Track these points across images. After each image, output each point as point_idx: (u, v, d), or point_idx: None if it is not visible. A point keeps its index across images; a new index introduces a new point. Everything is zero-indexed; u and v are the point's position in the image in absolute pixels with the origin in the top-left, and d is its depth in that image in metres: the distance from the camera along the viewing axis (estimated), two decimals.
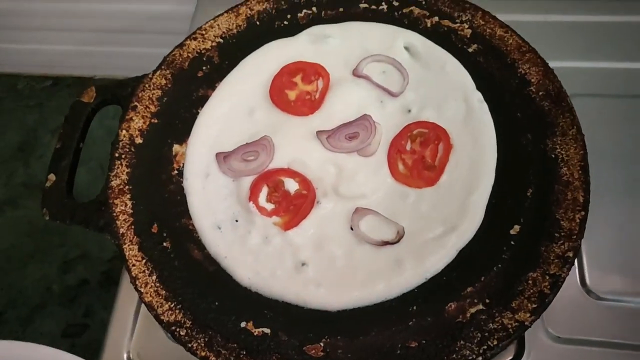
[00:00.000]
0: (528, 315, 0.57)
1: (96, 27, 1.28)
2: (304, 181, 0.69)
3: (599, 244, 0.70)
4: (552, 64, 0.72)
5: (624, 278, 0.69)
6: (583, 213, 0.62)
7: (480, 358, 0.56)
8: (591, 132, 0.67)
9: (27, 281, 1.31)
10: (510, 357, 0.66)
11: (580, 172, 0.64)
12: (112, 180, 0.71)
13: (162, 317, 0.62)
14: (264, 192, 0.69)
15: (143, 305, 0.74)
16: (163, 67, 0.79)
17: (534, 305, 0.58)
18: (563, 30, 0.85)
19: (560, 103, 0.69)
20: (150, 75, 0.78)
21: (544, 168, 0.66)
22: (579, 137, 0.66)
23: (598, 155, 0.67)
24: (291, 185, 0.69)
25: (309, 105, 0.74)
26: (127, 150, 0.73)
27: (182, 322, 0.61)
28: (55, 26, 1.31)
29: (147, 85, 0.77)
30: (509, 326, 0.57)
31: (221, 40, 0.81)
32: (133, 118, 0.75)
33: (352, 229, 0.66)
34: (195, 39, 0.81)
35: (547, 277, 0.59)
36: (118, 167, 0.72)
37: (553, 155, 0.67)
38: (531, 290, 0.59)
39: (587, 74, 0.80)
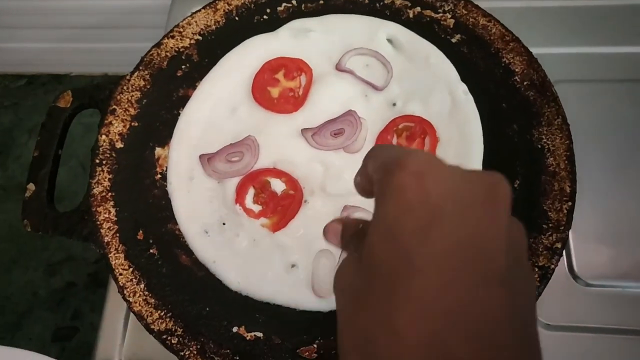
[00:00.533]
0: None
1: (71, 24, 1.24)
2: (290, 181, 0.68)
3: (585, 230, 0.71)
4: (534, 51, 0.72)
5: (610, 264, 0.70)
6: (570, 203, 0.62)
7: None
8: (574, 119, 0.67)
9: (12, 287, 1.29)
10: None
11: (566, 162, 0.65)
12: (94, 188, 0.69)
13: (152, 326, 0.61)
14: (251, 193, 0.68)
15: None
16: (141, 67, 0.77)
17: None
18: (544, 16, 0.84)
19: (545, 92, 0.69)
20: (128, 77, 0.76)
21: (531, 159, 0.66)
22: (564, 127, 0.66)
23: (582, 141, 0.67)
24: (278, 186, 0.68)
25: (292, 102, 0.73)
26: (108, 155, 0.71)
27: (173, 330, 0.61)
28: (29, 24, 1.27)
29: (125, 88, 0.75)
30: None
31: (200, 38, 0.79)
32: (112, 122, 0.73)
33: None
34: (172, 37, 0.79)
35: (537, 269, 0.60)
36: (99, 174, 0.70)
37: (539, 146, 0.67)
38: None
39: (569, 60, 0.80)
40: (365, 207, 0.66)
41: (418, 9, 0.78)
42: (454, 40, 0.76)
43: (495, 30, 0.74)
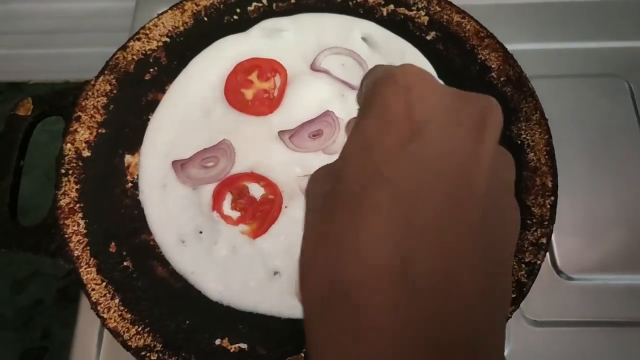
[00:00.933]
0: None
1: (28, 29, 1.18)
2: (269, 185, 0.66)
3: (566, 224, 0.71)
4: (509, 47, 0.72)
5: (592, 257, 0.70)
6: (553, 198, 0.62)
7: None
8: (550, 114, 0.67)
9: None
10: None
11: (546, 156, 0.64)
12: (60, 199, 0.65)
13: (129, 343, 0.58)
14: (228, 199, 0.65)
15: None
16: (106, 72, 0.73)
17: (513, 295, 0.57)
18: (518, 12, 0.85)
19: (522, 88, 0.69)
20: (92, 82, 0.72)
21: (511, 155, 0.66)
22: (542, 122, 0.66)
23: (559, 136, 0.67)
24: (256, 190, 0.66)
25: (267, 104, 0.71)
26: (75, 165, 0.67)
27: (152, 345, 0.58)
28: None
29: (90, 93, 0.71)
30: None
31: (168, 40, 0.76)
32: (78, 129, 0.69)
33: None
34: (139, 39, 0.76)
35: (523, 266, 0.59)
36: (66, 184, 0.66)
37: (519, 142, 0.66)
38: None
39: (544, 56, 0.80)
40: None
41: (391, 6, 0.77)
42: (429, 38, 0.75)
43: (470, 27, 0.74)
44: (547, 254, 0.70)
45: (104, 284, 0.61)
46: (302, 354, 0.57)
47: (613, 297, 0.68)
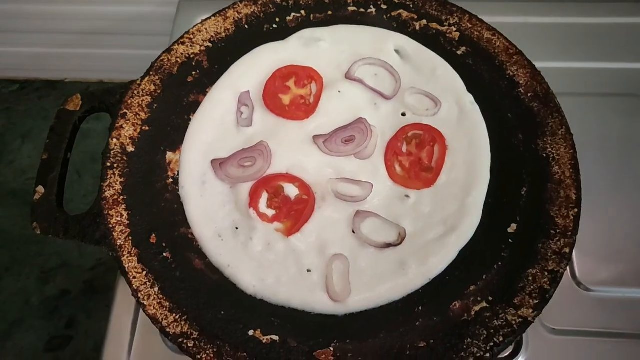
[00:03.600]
0: (531, 311, 0.59)
1: (68, 29, 1.23)
2: (303, 186, 0.69)
3: (587, 237, 0.73)
4: (537, 64, 0.74)
5: (611, 270, 0.72)
6: (576, 210, 0.64)
7: (488, 355, 0.57)
8: (577, 130, 0.70)
9: (3, 295, 1.25)
10: (510, 351, 0.68)
11: (571, 170, 0.67)
12: (105, 191, 0.69)
13: (168, 330, 0.61)
14: (264, 198, 0.69)
15: (141, 315, 0.73)
16: (151, 72, 0.77)
17: (536, 301, 0.60)
18: (546, 32, 0.88)
19: (549, 104, 0.72)
20: (138, 82, 0.76)
21: (536, 167, 0.69)
22: (568, 137, 0.69)
23: (584, 151, 0.70)
24: (291, 191, 0.69)
25: (304, 109, 0.74)
26: (119, 159, 0.71)
27: (190, 333, 0.61)
28: (24, 28, 1.26)
29: (135, 92, 0.75)
30: (513, 322, 0.59)
31: (210, 45, 0.80)
32: (123, 126, 0.73)
33: (354, 232, 0.67)
34: (183, 43, 0.80)
35: (546, 273, 0.61)
36: (111, 177, 0.70)
37: (544, 155, 0.69)
38: (532, 287, 0.61)
39: (570, 74, 0.83)
40: (377, 213, 0.67)
41: (424, 21, 0.81)
42: (459, 53, 0.78)
43: (500, 43, 0.77)
44: (568, 265, 0.73)
45: (144, 272, 0.65)
46: (332, 349, 0.60)
47: (630, 310, 0.70)
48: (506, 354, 0.68)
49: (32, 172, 0.66)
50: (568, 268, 0.73)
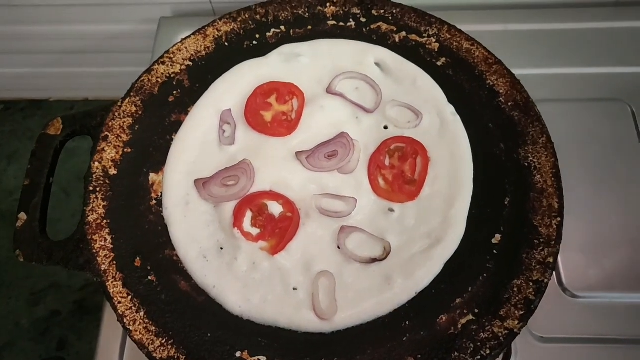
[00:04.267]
0: (516, 322, 0.59)
1: (51, 49, 1.23)
2: (287, 203, 0.69)
3: (572, 243, 0.73)
4: (516, 72, 0.75)
5: (597, 275, 0.73)
6: (559, 219, 0.65)
7: None
8: (559, 136, 0.70)
9: None
10: None
11: (553, 179, 0.67)
12: (88, 216, 0.68)
13: (154, 355, 0.60)
14: (248, 216, 0.68)
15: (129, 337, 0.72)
16: (132, 93, 0.77)
17: (521, 312, 0.60)
18: (525, 39, 0.88)
19: (529, 112, 0.72)
20: (119, 103, 0.76)
21: (519, 177, 0.69)
22: (549, 145, 0.69)
23: (566, 158, 0.70)
24: (275, 209, 0.69)
25: (286, 125, 0.74)
26: (102, 182, 0.71)
27: (176, 357, 0.60)
28: (6, 49, 1.25)
29: (117, 114, 0.75)
30: (500, 334, 0.59)
31: (190, 63, 0.80)
32: (105, 149, 0.73)
33: (339, 247, 0.67)
34: (163, 63, 0.80)
35: (531, 284, 0.62)
36: (94, 201, 0.70)
37: (526, 164, 0.69)
38: (517, 298, 0.61)
39: (549, 80, 0.84)
40: (362, 228, 0.67)
41: (403, 33, 0.81)
42: (439, 64, 0.79)
43: (479, 53, 0.78)
44: (554, 272, 0.73)
45: (130, 297, 0.64)
46: None
47: (617, 315, 0.70)
48: None
49: (18, 193, 0.66)
50: (554, 275, 0.73)
